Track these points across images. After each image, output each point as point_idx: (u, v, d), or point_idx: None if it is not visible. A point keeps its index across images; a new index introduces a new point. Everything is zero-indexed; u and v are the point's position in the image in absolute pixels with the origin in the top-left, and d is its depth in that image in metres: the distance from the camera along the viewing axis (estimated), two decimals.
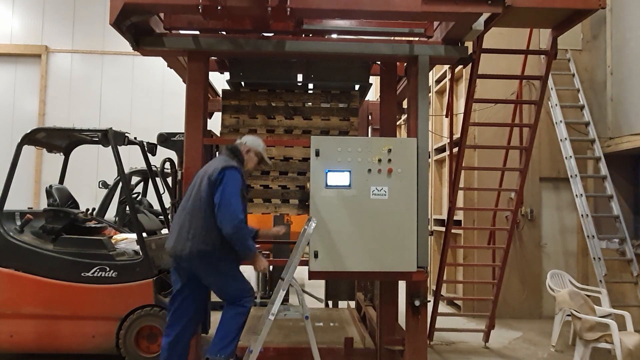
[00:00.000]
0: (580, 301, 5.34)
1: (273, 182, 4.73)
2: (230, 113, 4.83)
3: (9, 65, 13.63)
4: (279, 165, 4.76)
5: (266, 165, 4.45)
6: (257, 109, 4.81)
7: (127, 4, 3.84)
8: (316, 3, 3.93)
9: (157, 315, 4.89)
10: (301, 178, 4.74)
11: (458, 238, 8.04)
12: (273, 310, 3.68)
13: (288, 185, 4.74)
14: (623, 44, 7.19)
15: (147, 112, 13.61)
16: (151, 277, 4.95)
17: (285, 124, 4.81)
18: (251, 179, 4.67)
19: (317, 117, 4.81)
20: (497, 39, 6.21)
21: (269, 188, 4.74)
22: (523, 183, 5.71)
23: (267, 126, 4.80)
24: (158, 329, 4.89)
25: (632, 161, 7.64)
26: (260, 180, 4.72)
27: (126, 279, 4.92)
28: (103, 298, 4.89)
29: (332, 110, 4.82)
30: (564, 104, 7.60)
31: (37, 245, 4.99)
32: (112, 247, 5.13)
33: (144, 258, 4.98)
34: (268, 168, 4.64)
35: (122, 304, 4.90)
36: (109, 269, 4.90)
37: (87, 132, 5.34)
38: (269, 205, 4.73)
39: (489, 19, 4.29)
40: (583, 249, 7.62)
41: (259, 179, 4.72)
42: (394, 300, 4.86)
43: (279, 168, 4.75)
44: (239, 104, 4.82)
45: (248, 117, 4.80)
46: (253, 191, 4.71)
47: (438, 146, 9.00)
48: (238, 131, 4.78)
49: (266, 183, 4.73)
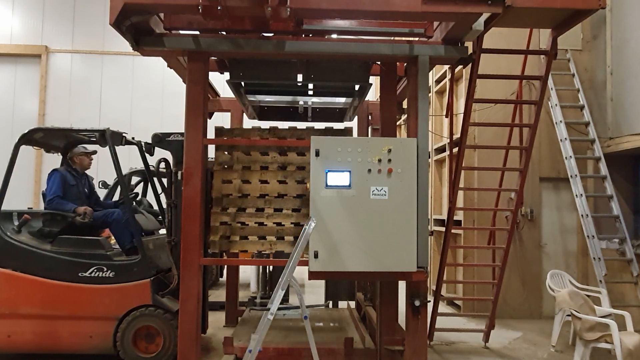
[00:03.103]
0: (580, 301, 5.34)
1: (268, 219, 4.69)
2: (224, 149, 4.82)
3: (9, 65, 13.64)
4: (274, 202, 4.72)
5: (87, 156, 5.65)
6: (251, 146, 4.78)
7: (127, 4, 3.84)
8: (316, 3, 3.93)
9: (155, 315, 4.90)
10: (296, 214, 4.71)
11: (458, 238, 8.04)
12: (272, 310, 3.67)
13: (283, 222, 4.69)
14: (623, 44, 7.19)
15: (147, 112, 13.62)
16: (148, 277, 4.95)
17: (279, 160, 4.77)
18: (246, 216, 4.67)
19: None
20: (497, 39, 6.21)
21: (264, 225, 4.69)
22: (523, 183, 5.70)
23: (261, 163, 4.76)
24: (155, 329, 4.90)
25: (632, 161, 7.64)
26: (255, 217, 4.69)
27: (124, 279, 4.92)
28: (100, 298, 4.89)
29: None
30: (564, 104, 7.60)
31: (35, 245, 4.99)
32: (109, 247, 5.13)
33: (142, 258, 4.98)
34: None
35: (120, 304, 4.90)
36: (107, 269, 4.91)
37: (85, 132, 5.33)
38: (264, 242, 4.70)
39: (489, 19, 4.28)
40: (583, 249, 7.62)
41: (254, 216, 4.69)
42: (394, 300, 4.86)
43: (273, 205, 4.71)
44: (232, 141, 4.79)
45: (242, 154, 4.76)
46: (248, 228, 4.68)
47: (438, 146, 9.00)
48: (232, 168, 4.76)
49: (261, 220, 4.69)
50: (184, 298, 4.43)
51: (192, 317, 4.42)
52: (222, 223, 4.71)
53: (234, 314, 6.71)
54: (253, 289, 8.10)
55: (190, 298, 4.42)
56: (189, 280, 4.42)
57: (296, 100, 6.05)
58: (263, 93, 5.74)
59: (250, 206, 4.74)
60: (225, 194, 4.76)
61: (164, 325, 4.92)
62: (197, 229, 4.42)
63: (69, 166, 5.61)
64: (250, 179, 4.78)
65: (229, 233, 4.71)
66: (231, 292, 6.78)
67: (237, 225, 4.71)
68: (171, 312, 4.92)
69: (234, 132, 4.96)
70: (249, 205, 4.74)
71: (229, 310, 6.78)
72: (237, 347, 4.77)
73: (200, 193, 4.46)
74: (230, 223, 4.71)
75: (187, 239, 4.42)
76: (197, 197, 4.43)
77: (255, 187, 4.77)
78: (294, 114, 6.50)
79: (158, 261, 5.21)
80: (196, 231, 4.42)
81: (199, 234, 4.44)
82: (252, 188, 4.76)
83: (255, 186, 4.77)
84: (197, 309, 4.44)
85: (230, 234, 4.72)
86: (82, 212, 5.17)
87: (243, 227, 4.72)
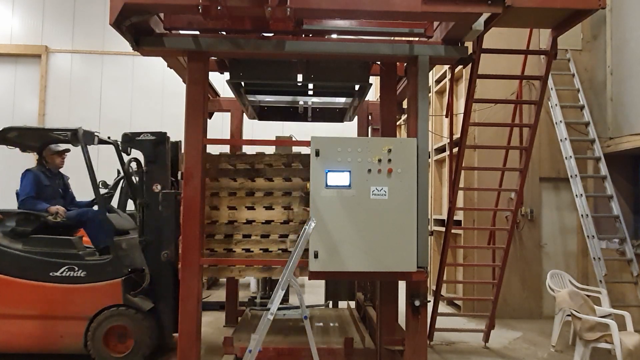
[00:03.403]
0: (580, 301, 5.34)
1: (255, 245, 4.63)
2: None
3: (9, 65, 13.63)
4: (242, 228, 4.63)
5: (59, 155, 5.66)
6: (221, 172, 4.70)
7: (127, 4, 3.84)
8: (316, 3, 3.93)
9: (126, 314, 4.88)
10: (265, 241, 4.61)
11: (458, 238, 8.04)
12: (272, 310, 3.67)
13: (270, 248, 4.62)
14: (623, 44, 7.19)
15: (147, 112, 13.61)
16: (120, 277, 4.93)
17: (248, 186, 4.68)
18: (234, 243, 4.62)
19: (279, 179, 4.68)
20: (497, 39, 6.21)
21: (251, 251, 4.62)
22: (523, 183, 5.70)
23: (230, 189, 4.67)
24: (127, 329, 4.89)
25: (632, 161, 7.64)
26: (242, 244, 4.63)
27: (95, 278, 4.91)
28: (72, 298, 4.88)
29: (294, 171, 4.71)
30: (564, 104, 7.60)
31: (6, 245, 4.98)
32: (81, 246, 5.11)
33: (113, 258, 4.96)
34: None
35: (91, 303, 4.89)
36: (78, 268, 4.89)
37: (58, 131, 5.29)
38: (233, 269, 4.64)
39: (489, 19, 4.28)
40: (583, 249, 7.62)
41: (241, 242, 4.63)
42: (394, 300, 4.86)
43: (260, 231, 4.64)
44: (207, 166, 4.69)
45: (210, 180, 4.68)
46: (235, 254, 4.60)
47: (438, 146, 9.00)
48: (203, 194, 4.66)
49: (248, 247, 4.62)
50: (184, 298, 4.42)
51: (192, 317, 4.42)
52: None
53: (234, 314, 6.71)
54: (253, 289, 8.09)
55: (190, 298, 4.42)
56: (189, 280, 4.42)
57: (296, 100, 6.05)
58: (263, 93, 5.74)
59: (219, 232, 4.66)
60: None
61: (135, 324, 4.89)
62: (197, 229, 4.42)
63: (42, 166, 5.64)
64: (219, 206, 4.68)
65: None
66: (231, 292, 6.78)
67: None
68: (142, 312, 4.90)
69: (207, 158, 4.75)
70: (218, 232, 4.66)
71: (229, 310, 6.79)
72: (237, 347, 4.77)
73: (200, 193, 4.46)
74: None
75: (187, 239, 4.42)
76: (197, 197, 4.43)
77: (224, 214, 4.67)
78: (294, 114, 6.50)
79: (131, 261, 5.15)
80: (196, 231, 4.42)
81: (199, 234, 4.44)
82: (222, 215, 4.66)
83: (225, 212, 4.67)
84: (197, 309, 4.43)
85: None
86: (55, 211, 5.22)
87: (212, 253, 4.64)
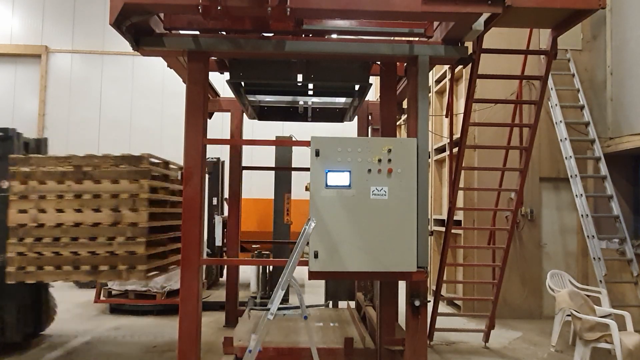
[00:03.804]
0: (580, 301, 5.34)
1: (64, 248, 4.59)
2: (20, 180, 4.70)
3: (9, 65, 13.64)
4: (70, 231, 4.62)
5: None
6: (47, 174, 4.66)
7: (127, 4, 3.84)
8: (316, 3, 3.93)
9: None
10: (92, 244, 4.62)
11: (458, 238, 8.04)
12: (272, 310, 3.67)
13: (79, 252, 4.61)
14: (623, 44, 7.19)
15: (147, 112, 13.63)
16: None
17: (75, 188, 4.65)
18: (42, 245, 4.60)
19: (107, 181, 4.67)
20: (497, 39, 6.21)
21: (60, 255, 4.60)
22: (523, 183, 5.71)
23: (57, 192, 4.64)
24: None
25: (632, 161, 7.64)
26: (51, 247, 4.61)
27: None
28: None
29: (122, 173, 4.69)
30: (564, 104, 7.60)
31: None
32: None
33: None
34: None
35: None
36: None
37: None
38: (60, 272, 4.63)
39: (489, 19, 4.28)
40: (583, 249, 7.63)
41: (50, 245, 4.60)
42: (394, 300, 4.86)
43: (70, 234, 4.61)
44: (28, 171, 4.68)
45: (38, 184, 4.64)
46: (44, 258, 4.58)
47: (438, 146, 9.00)
48: (27, 198, 4.64)
49: (57, 250, 4.60)
50: (184, 298, 4.42)
51: (192, 317, 4.42)
52: (18, 253, 4.64)
53: (234, 314, 6.71)
54: (253, 289, 8.10)
55: (191, 298, 4.41)
56: (189, 280, 4.42)
57: (296, 100, 6.05)
58: (263, 93, 5.73)
59: (47, 235, 4.64)
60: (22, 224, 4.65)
61: None
62: (197, 229, 4.42)
63: None
64: (46, 209, 4.66)
65: (25, 263, 4.63)
66: (231, 292, 6.78)
67: (33, 255, 4.63)
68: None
69: (30, 161, 4.77)
70: (46, 235, 4.64)
71: (229, 310, 6.79)
72: (237, 347, 4.78)
73: (200, 193, 4.46)
74: (27, 253, 4.63)
75: (187, 239, 4.42)
76: (197, 197, 4.43)
77: (51, 217, 4.65)
78: (294, 114, 6.50)
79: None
80: (196, 231, 4.42)
81: (199, 234, 4.43)
82: (48, 218, 4.65)
83: (52, 215, 4.65)
84: (197, 309, 4.43)
85: (27, 264, 4.63)
86: None
87: (39, 257, 4.62)
